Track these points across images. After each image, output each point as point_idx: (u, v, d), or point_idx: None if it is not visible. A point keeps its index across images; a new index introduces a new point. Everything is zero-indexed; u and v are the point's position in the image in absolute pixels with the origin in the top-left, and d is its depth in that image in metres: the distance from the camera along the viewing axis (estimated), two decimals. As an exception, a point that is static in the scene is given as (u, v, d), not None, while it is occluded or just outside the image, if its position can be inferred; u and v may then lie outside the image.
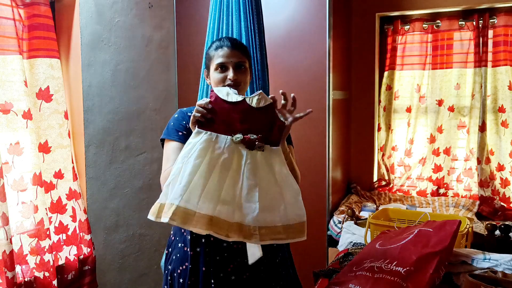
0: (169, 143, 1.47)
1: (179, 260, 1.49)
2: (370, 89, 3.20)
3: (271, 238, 1.24)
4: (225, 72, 1.45)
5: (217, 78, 1.46)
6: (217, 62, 1.46)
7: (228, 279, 1.45)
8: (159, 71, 2.67)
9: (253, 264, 1.41)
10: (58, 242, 2.12)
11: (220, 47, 1.48)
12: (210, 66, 1.50)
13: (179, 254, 1.49)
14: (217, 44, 1.50)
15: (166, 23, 2.70)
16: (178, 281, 1.47)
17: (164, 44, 2.69)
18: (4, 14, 1.88)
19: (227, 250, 1.45)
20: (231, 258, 1.45)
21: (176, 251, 1.51)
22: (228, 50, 1.47)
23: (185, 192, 1.21)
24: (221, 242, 1.43)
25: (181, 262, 1.48)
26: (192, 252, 1.46)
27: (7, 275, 1.76)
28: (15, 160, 1.93)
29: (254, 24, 1.96)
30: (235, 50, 1.48)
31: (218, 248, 1.44)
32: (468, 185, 3.02)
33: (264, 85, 2.02)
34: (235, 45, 1.49)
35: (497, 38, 2.85)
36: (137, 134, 2.53)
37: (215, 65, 1.46)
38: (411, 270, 1.25)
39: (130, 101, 2.48)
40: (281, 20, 2.54)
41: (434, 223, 1.50)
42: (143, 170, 2.57)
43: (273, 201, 1.26)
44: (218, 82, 1.46)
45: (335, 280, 1.38)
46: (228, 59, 1.46)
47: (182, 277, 1.47)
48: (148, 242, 2.63)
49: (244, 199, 1.24)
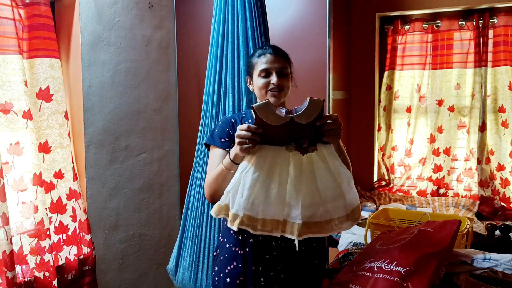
0: (213, 149, 1.54)
1: (227, 260, 1.50)
2: (370, 89, 3.20)
3: (339, 228, 1.32)
4: (268, 78, 1.51)
5: (261, 83, 1.51)
6: (261, 68, 1.52)
7: (278, 278, 1.47)
8: (159, 71, 2.67)
9: (302, 263, 1.49)
10: (58, 242, 2.12)
11: (263, 54, 1.54)
12: (253, 73, 1.56)
13: (227, 254, 1.51)
14: (260, 51, 1.56)
15: (166, 23, 2.70)
16: (225, 281, 1.48)
17: (164, 44, 2.69)
18: (4, 14, 1.88)
19: (276, 249, 1.46)
20: (281, 256, 1.47)
21: (224, 251, 1.53)
22: (271, 56, 1.53)
23: (248, 204, 1.29)
24: (270, 242, 1.46)
25: (229, 261, 1.50)
26: (242, 252, 1.48)
27: (7, 275, 1.76)
28: (15, 160, 1.93)
29: (260, 24, 1.96)
30: (277, 56, 1.54)
31: (267, 248, 1.46)
32: (468, 185, 3.02)
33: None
34: (277, 51, 1.55)
35: (497, 38, 2.85)
36: (137, 134, 2.53)
37: (259, 71, 1.52)
38: (411, 270, 1.25)
39: (130, 101, 2.48)
40: (281, 20, 2.54)
41: (434, 223, 1.50)
42: (143, 170, 2.57)
43: (334, 192, 1.32)
44: (262, 87, 1.51)
45: (335, 280, 1.38)
46: (271, 64, 1.52)
47: (230, 276, 1.48)
48: (148, 242, 2.63)
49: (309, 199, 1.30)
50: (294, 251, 1.43)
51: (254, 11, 1.94)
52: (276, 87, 1.50)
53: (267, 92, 1.51)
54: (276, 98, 1.51)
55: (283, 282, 1.47)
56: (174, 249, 2.15)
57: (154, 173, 2.65)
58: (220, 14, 1.97)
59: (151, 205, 2.64)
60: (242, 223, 1.29)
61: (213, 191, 1.44)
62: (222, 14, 1.96)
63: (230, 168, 1.38)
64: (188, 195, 2.08)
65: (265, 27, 1.99)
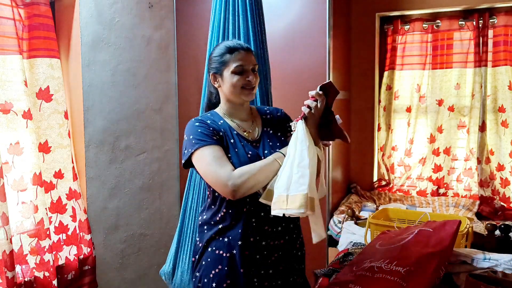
0: (209, 147, 1.42)
1: (211, 264, 1.48)
2: (370, 89, 3.20)
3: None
4: (243, 75, 1.47)
5: (236, 81, 1.47)
6: (235, 65, 1.47)
7: (267, 274, 1.48)
8: (159, 71, 2.67)
9: (289, 255, 1.52)
10: (58, 242, 2.12)
11: (236, 50, 1.49)
12: (223, 69, 1.49)
13: (210, 258, 1.48)
14: (231, 47, 1.50)
15: (166, 23, 2.70)
16: (210, 286, 1.46)
17: (164, 44, 2.69)
18: (4, 14, 1.88)
19: (266, 248, 1.47)
20: (270, 254, 1.48)
21: (205, 256, 1.50)
22: (244, 53, 1.49)
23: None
24: (260, 241, 1.46)
25: (214, 265, 1.47)
26: (228, 255, 1.45)
27: (7, 275, 1.76)
28: (15, 160, 1.93)
29: (261, 25, 1.96)
30: (250, 53, 1.51)
31: (257, 248, 1.46)
32: (468, 185, 3.02)
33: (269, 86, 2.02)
34: (248, 48, 1.52)
35: (497, 38, 2.85)
36: (137, 134, 2.52)
37: (233, 68, 1.47)
38: (411, 270, 1.24)
39: (130, 101, 2.48)
40: (281, 20, 2.54)
41: (434, 223, 1.50)
42: (143, 170, 2.57)
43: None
44: (237, 85, 1.47)
45: (335, 280, 1.38)
46: (246, 62, 1.48)
47: (215, 280, 1.46)
48: (148, 242, 2.63)
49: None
50: (284, 247, 1.48)
51: (254, 10, 1.94)
52: (254, 85, 1.49)
53: (242, 90, 1.48)
54: (251, 96, 1.50)
55: (271, 277, 1.48)
56: (170, 252, 2.10)
57: (154, 173, 2.65)
58: (220, 13, 1.96)
59: (151, 205, 2.64)
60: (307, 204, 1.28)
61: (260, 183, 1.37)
62: (223, 13, 1.96)
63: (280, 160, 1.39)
64: (186, 196, 2.05)
65: (264, 27, 1.99)
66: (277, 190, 1.33)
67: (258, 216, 1.46)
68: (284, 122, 1.62)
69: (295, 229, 1.56)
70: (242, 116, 1.56)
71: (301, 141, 1.34)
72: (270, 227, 1.48)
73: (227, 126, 1.51)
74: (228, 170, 1.37)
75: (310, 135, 1.35)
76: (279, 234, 1.50)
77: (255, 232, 1.46)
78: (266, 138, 1.55)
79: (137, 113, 2.52)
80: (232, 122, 1.54)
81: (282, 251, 1.51)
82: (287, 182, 1.31)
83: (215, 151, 1.42)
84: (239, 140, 1.49)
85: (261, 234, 1.47)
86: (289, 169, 1.32)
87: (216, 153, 1.41)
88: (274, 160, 1.40)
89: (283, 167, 1.36)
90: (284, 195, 1.30)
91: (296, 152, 1.33)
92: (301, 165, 1.30)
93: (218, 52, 1.52)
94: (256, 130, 1.56)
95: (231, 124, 1.53)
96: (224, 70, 1.49)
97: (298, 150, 1.33)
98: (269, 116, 1.63)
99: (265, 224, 1.47)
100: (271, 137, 1.56)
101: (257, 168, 1.38)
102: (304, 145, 1.33)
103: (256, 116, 1.61)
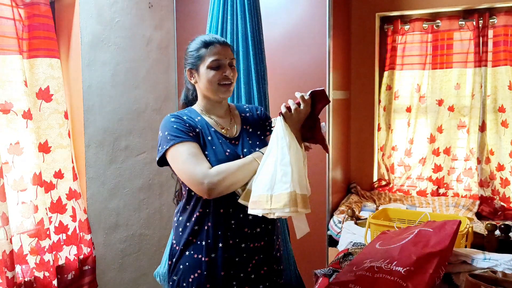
0: (185, 144, 1.37)
1: (189, 269, 1.44)
2: (370, 89, 3.20)
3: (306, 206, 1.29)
4: (219, 70, 1.43)
5: (212, 76, 1.42)
6: (211, 59, 1.42)
7: (248, 278, 1.45)
8: (159, 71, 2.67)
9: (269, 257, 1.48)
10: (58, 242, 2.12)
11: (211, 44, 1.44)
12: (199, 65, 1.45)
13: (188, 263, 1.45)
14: (206, 41, 1.45)
15: (166, 23, 2.70)
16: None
17: (164, 44, 2.69)
18: (4, 14, 1.88)
19: (246, 250, 1.44)
20: (251, 257, 1.45)
21: (183, 260, 1.46)
22: (221, 47, 1.44)
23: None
24: (240, 244, 1.43)
25: (193, 269, 1.43)
26: (207, 259, 1.42)
27: (7, 275, 1.76)
28: (15, 160, 1.93)
29: (258, 24, 1.97)
30: (227, 47, 1.46)
31: (237, 250, 1.43)
32: (468, 185, 3.02)
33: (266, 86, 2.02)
34: (225, 42, 1.47)
35: (497, 38, 2.85)
36: (137, 134, 2.52)
37: (209, 62, 1.42)
38: (411, 270, 1.25)
39: (130, 101, 2.48)
40: (281, 20, 2.54)
41: (434, 223, 1.50)
42: (143, 170, 2.57)
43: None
44: (213, 80, 1.43)
45: (335, 280, 1.38)
46: (223, 56, 1.43)
47: (194, 285, 1.43)
48: (148, 242, 2.63)
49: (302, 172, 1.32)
50: (264, 249, 1.46)
51: (253, 11, 1.94)
52: (229, 80, 1.44)
53: (218, 86, 1.44)
54: (228, 91, 1.46)
55: (253, 282, 1.46)
56: (165, 253, 2.06)
57: (154, 173, 2.65)
58: (218, 13, 1.97)
59: (151, 205, 2.64)
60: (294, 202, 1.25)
61: (238, 182, 1.34)
62: (221, 13, 1.96)
63: (259, 159, 1.36)
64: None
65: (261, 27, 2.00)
66: (257, 189, 1.29)
67: (237, 218, 1.42)
68: (264, 121, 1.58)
69: (274, 230, 1.53)
70: (220, 113, 1.52)
71: (281, 138, 1.31)
72: (249, 229, 1.44)
73: (205, 123, 1.47)
74: (204, 167, 1.33)
75: (291, 132, 1.32)
76: (258, 236, 1.47)
77: (234, 235, 1.42)
78: (245, 136, 1.50)
79: (137, 113, 2.52)
80: (209, 118, 1.49)
81: (262, 253, 1.48)
82: (270, 181, 1.27)
83: (191, 148, 1.36)
84: (217, 137, 1.44)
85: (240, 236, 1.43)
86: (272, 167, 1.29)
87: (192, 150, 1.36)
88: (253, 160, 1.36)
89: (261, 165, 1.32)
90: (267, 194, 1.26)
91: (278, 150, 1.30)
92: (282, 162, 1.27)
93: (193, 46, 1.48)
94: (234, 128, 1.51)
95: (208, 121, 1.48)
96: (200, 65, 1.45)
97: (279, 148, 1.30)
98: (249, 114, 1.59)
99: (244, 226, 1.43)
100: (251, 135, 1.52)
101: (235, 167, 1.34)
102: (283, 141, 1.30)
103: (235, 113, 1.57)
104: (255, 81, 1.98)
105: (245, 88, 1.98)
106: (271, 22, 2.48)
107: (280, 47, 2.54)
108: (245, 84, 1.98)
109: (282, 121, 1.33)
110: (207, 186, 1.30)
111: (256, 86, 1.97)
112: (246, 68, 1.97)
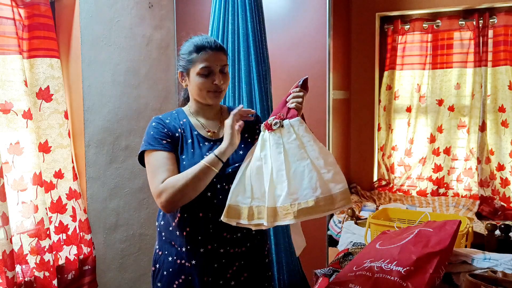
0: (154, 153, 1.37)
1: (173, 274, 1.41)
2: (370, 89, 3.20)
3: (305, 214, 1.19)
4: (209, 77, 1.38)
5: (201, 83, 1.38)
6: (201, 66, 1.37)
7: (228, 285, 1.43)
8: (159, 71, 2.67)
9: (250, 264, 1.44)
10: (58, 242, 2.12)
11: (203, 49, 1.38)
12: (190, 69, 1.40)
13: (171, 268, 1.42)
14: (198, 45, 1.39)
15: (166, 23, 2.70)
16: None
17: (164, 44, 2.69)
18: (4, 14, 1.88)
19: (225, 256, 1.41)
20: (230, 263, 1.42)
21: (167, 265, 1.43)
22: (212, 53, 1.38)
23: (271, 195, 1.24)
24: (218, 250, 1.40)
25: (176, 275, 1.41)
26: (189, 264, 1.40)
27: (7, 275, 1.76)
28: (15, 160, 1.93)
29: (260, 24, 1.96)
30: (219, 52, 1.40)
31: (216, 256, 1.40)
32: (468, 185, 3.03)
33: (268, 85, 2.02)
34: (218, 47, 1.40)
35: (497, 38, 2.85)
36: (137, 134, 2.52)
37: (199, 69, 1.37)
38: (411, 270, 1.25)
39: (130, 101, 2.48)
40: (281, 20, 2.54)
41: (434, 223, 1.50)
42: (143, 170, 2.55)
43: (303, 174, 1.22)
44: (202, 88, 1.39)
45: (335, 280, 1.38)
46: (213, 63, 1.38)
47: None
48: (148, 242, 2.63)
49: (276, 182, 1.23)
50: (247, 255, 1.43)
51: (254, 10, 1.94)
52: (219, 88, 1.39)
53: (207, 93, 1.39)
54: (217, 99, 1.42)
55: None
56: None
57: (154, 173, 2.64)
58: (220, 13, 1.97)
59: (151, 205, 2.64)
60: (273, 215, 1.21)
61: (187, 195, 1.30)
62: (222, 13, 1.96)
63: (216, 165, 1.30)
64: None
65: (264, 27, 1.99)
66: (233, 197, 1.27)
67: (215, 222, 1.38)
68: (255, 124, 1.53)
69: (258, 235, 1.48)
70: (209, 116, 1.48)
71: (306, 137, 1.26)
72: (228, 233, 1.40)
73: (189, 126, 1.44)
74: (159, 181, 1.32)
75: (274, 145, 1.26)
76: (239, 241, 1.42)
77: (213, 239, 1.38)
78: None
79: (137, 113, 2.52)
80: (196, 121, 1.46)
81: (244, 259, 1.44)
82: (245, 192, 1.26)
83: (158, 159, 1.36)
84: (198, 141, 1.41)
85: (219, 242, 1.39)
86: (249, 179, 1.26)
87: (158, 162, 1.35)
88: (205, 166, 1.29)
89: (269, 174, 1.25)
90: (244, 206, 1.25)
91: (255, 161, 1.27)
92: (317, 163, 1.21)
93: (185, 49, 1.43)
94: (222, 130, 1.45)
95: (194, 124, 1.45)
96: (191, 70, 1.40)
97: (307, 148, 1.24)
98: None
99: (223, 230, 1.39)
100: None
101: (184, 180, 1.29)
102: (309, 140, 1.26)
103: (226, 116, 1.48)
104: (257, 81, 1.97)
105: (247, 88, 1.98)
106: (271, 22, 2.48)
107: (280, 47, 2.54)
108: (247, 84, 1.98)
109: (269, 134, 1.29)
110: (160, 205, 1.32)
111: (257, 86, 1.97)
112: (247, 68, 1.97)
